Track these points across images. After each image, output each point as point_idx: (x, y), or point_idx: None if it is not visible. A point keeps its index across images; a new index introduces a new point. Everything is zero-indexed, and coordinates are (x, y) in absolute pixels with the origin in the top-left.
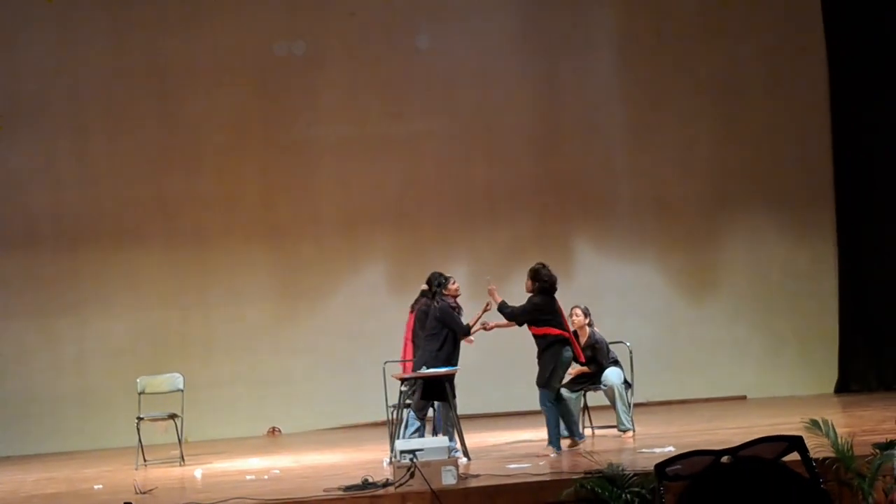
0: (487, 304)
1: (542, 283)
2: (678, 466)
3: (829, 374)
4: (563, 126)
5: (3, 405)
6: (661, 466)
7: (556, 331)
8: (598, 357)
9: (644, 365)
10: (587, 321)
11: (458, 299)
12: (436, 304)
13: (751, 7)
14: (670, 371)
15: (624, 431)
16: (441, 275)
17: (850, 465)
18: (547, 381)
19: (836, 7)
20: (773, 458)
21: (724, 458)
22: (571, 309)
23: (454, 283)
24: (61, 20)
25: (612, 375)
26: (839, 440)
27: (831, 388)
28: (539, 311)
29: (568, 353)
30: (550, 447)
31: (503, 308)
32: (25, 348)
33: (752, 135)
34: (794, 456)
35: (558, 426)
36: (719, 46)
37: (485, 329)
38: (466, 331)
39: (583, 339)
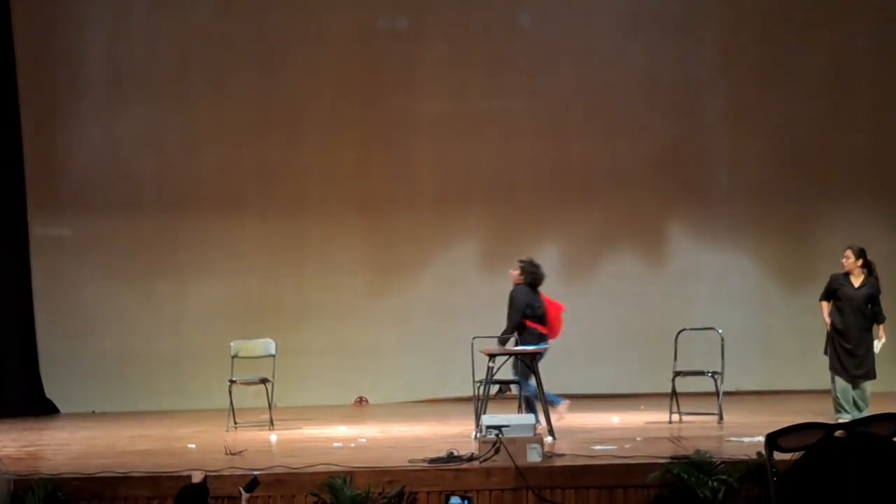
0: None
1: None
2: (789, 438)
3: None
4: (664, 108)
5: (101, 363)
6: (773, 437)
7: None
8: None
9: (736, 352)
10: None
11: None
12: None
13: None
14: (763, 360)
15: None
16: None
17: None
18: None
19: None
20: (888, 435)
21: (838, 433)
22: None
23: None
24: None
25: None
26: None
27: None
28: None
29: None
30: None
31: None
32: (124, 309)
33: (857, 124)
34: None
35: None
36: (825, 33)
37: None
38: None
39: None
